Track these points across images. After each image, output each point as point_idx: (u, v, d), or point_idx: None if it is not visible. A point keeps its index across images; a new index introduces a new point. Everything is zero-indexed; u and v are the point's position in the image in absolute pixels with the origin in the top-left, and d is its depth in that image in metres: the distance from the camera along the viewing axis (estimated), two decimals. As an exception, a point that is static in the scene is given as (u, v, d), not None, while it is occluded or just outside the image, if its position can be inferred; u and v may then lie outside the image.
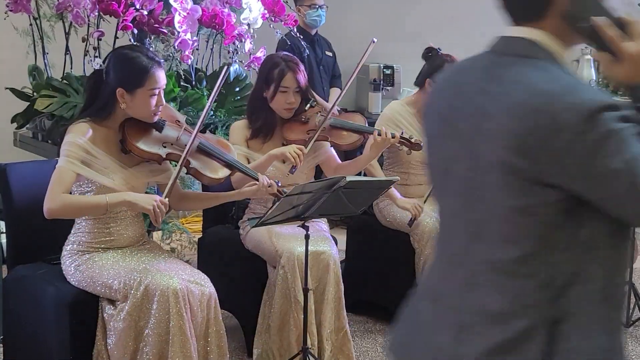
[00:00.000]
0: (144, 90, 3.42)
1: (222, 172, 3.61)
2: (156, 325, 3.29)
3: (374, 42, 4.11)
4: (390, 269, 4.70)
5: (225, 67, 3.64)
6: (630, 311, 4.81)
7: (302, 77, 4.12)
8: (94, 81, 3.55)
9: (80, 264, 3.49)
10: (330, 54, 6.37)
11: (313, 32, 6.10)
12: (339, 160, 4.34)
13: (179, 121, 3.65)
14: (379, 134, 4.12)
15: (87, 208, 3.43)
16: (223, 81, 3.49)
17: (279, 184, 3.65)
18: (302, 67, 4.15)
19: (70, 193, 3.45)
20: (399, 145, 4.23)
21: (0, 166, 3.80)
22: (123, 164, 3.52)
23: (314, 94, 4.30)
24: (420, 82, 4.76)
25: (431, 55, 4.76)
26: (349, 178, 3.42)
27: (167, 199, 3.37)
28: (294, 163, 3.89)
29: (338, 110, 4.35)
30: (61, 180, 3.34)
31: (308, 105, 4.20)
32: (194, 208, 4.30)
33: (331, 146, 4.28)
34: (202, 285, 3.44)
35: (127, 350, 3.33)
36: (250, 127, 4.17)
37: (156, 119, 3.52)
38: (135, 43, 4.44)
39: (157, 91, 3.46)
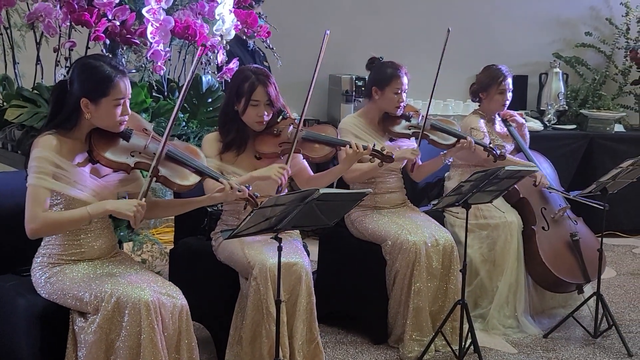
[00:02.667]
0: (109, 100, 3.41)
1: (192, 179, 3.59)
2: (127, 337, 3.27)
3: (327, 34, 4.10)
4: (362, 280, 4.70)
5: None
6: (599, 322, 4.82)
7: (273, 90, 4.12)
8: (58, 92, 3.52)
9: (51, 276, 3.47)
10: (267, 64, 6.36)
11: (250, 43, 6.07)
12: (311, 172, 4.35)
13: (146, 129, 3.62)
14: (350, 147, 4.15)
15: (70, 223, 3.41)
16: (188, 88, 3.48)
17: (250, 188, 3.65)
18: (272, 79, 4.15)
19: None
20: (370, 157, 4.25)
21: (-28, 178, 3.78)
22: (92, 175, 3.50)
23: (286, 105, 4.30)
24: (367, 93, 4.79)
25: (375, 65, 4.80)
26: (322, 190, 3.42)
27: (144, 199, 3.36)
28: (280, 183, 3.89)
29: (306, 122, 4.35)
30: (37, 199, 3.33)
31: (280, 117, 4.20)
32: (166, 215, 4.28)
33: (303, 158, 4.28)
34: (173, 297, 3.41)
35: (99, 363, 3.31)
36: (222, 140, 4.16)
37: (122, 128, 3.49)
38: (106, 53, 4.42)
39: (121, 101, 3.44)
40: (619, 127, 7.37)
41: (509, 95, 5.14)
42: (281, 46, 5.61)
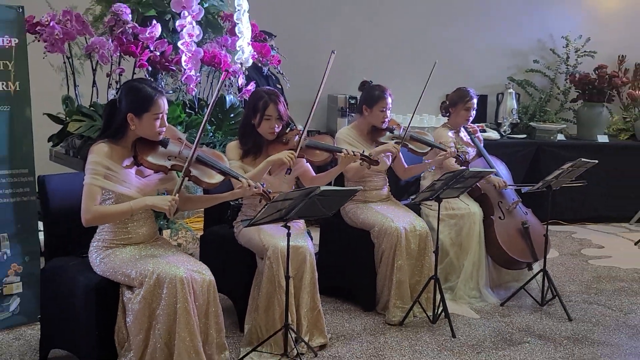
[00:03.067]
0: (150, 115, 3.42)
1: (217, 178, 3.59)
2: (166, 306, 3.28)
3: (333, 53, 4.12)
4: (354, 259, 4.70)
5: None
6: (545, 293, 4.83)
7: (282, 107, 4.13)
8: (109, 108, 3.53)
9: (104, 257, 3.48)
10: (279, 86, 6.34)
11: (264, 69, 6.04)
12: (313, 173, 4.35)
13: (180, 138, 3.62)
14: (346, 153, 4.18)
15: (117, 215, 3.43)
16: (214, 105, 3.47)
17: (264, 186, 3.64)
18: (282, 99, 4.17)
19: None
20: (360, 161, 4.27)
21: (40, 177, 3.80)
22: (137, 175, 3.51)
23: (293, 119, 4.31)
24: (359, 110, 4.81)
25: (365, 87, 4.83)
26: (322, 188, 3.45)
27: (177, 196, 3.37)
28: (290, 165, 3.93)
29: (310, 133, 4.36)
30: (90, 195, 3.36)
31: (288, 129, 4.22)
32: (196, 208, 4.28)
33: (307, 162, 4.27)
34: (203, 274, 3.42)
35: (142, 327, 3.32)
36: (242, 147, 4.16)
37: (161, 137, 3.50)
38: (148, 77, 4.42)
39: (160, 115, 3.45)
40: (560, 137, 7.36)
41: (473, 112, 5.15)
42: (289, 71, 5.60)
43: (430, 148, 4.79)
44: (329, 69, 4.09)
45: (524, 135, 7.39)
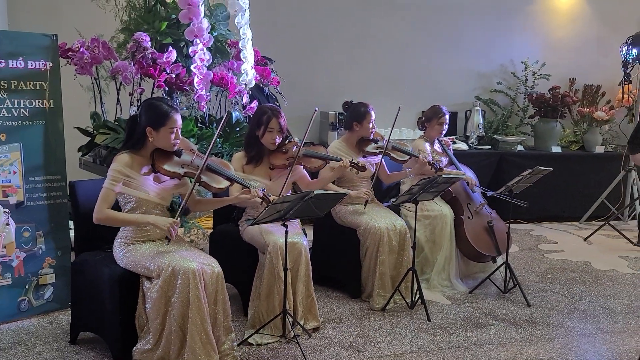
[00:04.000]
0: (166, 129, 3.42)
1: (224, 184, 3.59)
2: (180, 294, 3.27)
3: (316, 110, 4.15)
4: (343, 254, 4.69)
5: (229, 113, 3.64)
6: (507, 282, 4.83)
7: (283, 121, 4.13)
8: (130, 123, 3.53)
9: (126, 252, 3.47)
10: (277, 104, 6.33)
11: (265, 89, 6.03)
12: (309, 179, 4.34)
13: (192, 149, 3.63)
14: (342, 162, 4.23)
15: (122, 222, 3.45)
16: (225, 122, 3.48)
17: (264, 191, 3.67)
18: (282, 114, 4.16)
19: (117, 203, 3.47)
20: (350, 168, 4.27)
21: (71, 182, 3.81)
22: (154, 182, 3.50)
23: (290, 132, 4.31)
24: (348, 126, 4.80)
25: (349, 107, 4.83)
26: (316, 192, 3.45)
27: (178, 219, 3.39)
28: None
29: (306, 144, 4.35)
30: (105, 198, 3.37)
31: (287, 140, 4.21)
32: (207, 209, 4.27)
33: (304, 168, 4.26)
34: (212, 266, 3.41)
35: (159, 312, 3.31)
36: (246, 156, 4.15)
37: (175, 148, 3.50)
38: (165, 96, 4.42)
39: (175, 129, 3.45)
40: (520, 148, 7.37)
41: (446, 127, 5.15)
42: (287, 91, 5.60)
43: (409, 157, 4.79)
44: (312, 122, 4.11)
45: (489, 147, 7.39)
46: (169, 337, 3.31)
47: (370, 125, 4.71)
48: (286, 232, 3.68)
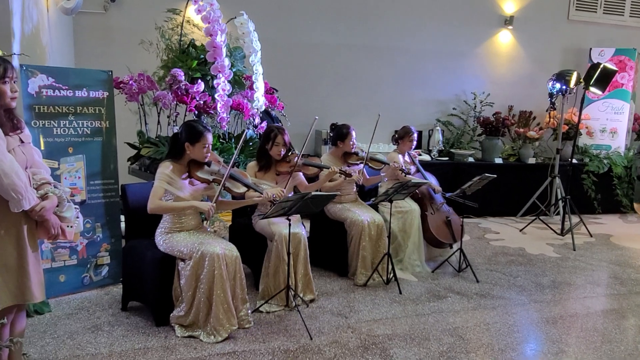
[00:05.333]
0: (200, 145, 3.43)
1: (242, 189, 3.59)
2: (207, 273, 3.28)
3: (316, 119, 4.14)
4: (334, 241, 4.68)
5: (245, 131, 3.66)
6: (461, 263, 4.85)
7: (287, 137, 4.13)
8: (173, 139, 3.54)
9: (166, 240, 3.47)
10: (280, 123, 6.34)
11: (273, 113, 6.04)
12: (307, 183, 4.33)
13: (219, 161, 3.63)
14: (331, 169, 4.24)
15: (172, 208, 3.43)
16: (242, 141, 3.49)
17: (274, 196, 3.66)
18: (286, 131, 4.15)
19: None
20: (339, 175, 4.28)
21: (122, 185, 3.82)
22: (189, 185, 3.50)
23: (292, 146, 4.32)
24: (334, 143, 4.77)
25: (334, 128, 4.83)
26: (312, 193, 3.45)
27: (214, 203, 3.38)
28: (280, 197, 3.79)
29: (304, 155, 4.36)
30: (156, 193, 3.37)
31: (290, 152, 4.22)
32: (227, 209, 4.27)
33: (303, 175, 4.28)
34: (232, 251, 3.42)
35: (191, 287, 3.32)
36: (258, 165, 4.16)
37: (206, 160, 3.50)
38: (196, 119, 4.42)
39: (207, 145, 3.45)
40: (471, 159, 7.39)
41: (415, 142, 5.17)
42: (289, 114, 5.62)
43: (383, 164, 4.80)
44: (313, 129, 4.11)
45: (447, 158, 7.41)
46: (198, 306, 3.33)
47: (352, 143, 4.69)
48: (289, 225, 3.69)
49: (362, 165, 4.73)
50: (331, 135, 6.72)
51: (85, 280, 4.14)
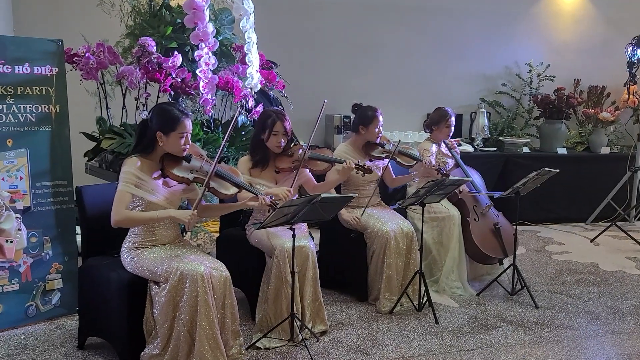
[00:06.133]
0: (176, 134, 3.41)
1: (232, 190, 3.57)
2: (188, 299, 3.26)
3: (325, 102, 4.11)
4: (350, 257, 4.68)
5: (236, 115, 3.65)
6: (514, 284, 4.82)
7: (288, 124, 4.11)
8: (141, 127, 3.52)
9: (134, 257, 3.45)
10: (281, 107, 6.34)
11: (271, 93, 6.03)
12: (315, 182, 4.32)
13: (201, 155, 3.62)
14: (346, 164, 4.20)
15: (143, 220, 3.42)
16: (233, 127, 3.48)
17: (272, 198, 3.62)
18: (287, 117, 4.14)
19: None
20: (356, 171, 4.26)
21: (77, 188, 3.80)
22: (164, 186, 3.49)
23: (296, 135, 4.29)
24: (355, 129, 4.77)
25: (357, 109, 4.81)
26: (323, 195, 3.45)
27: (195, 211, 3.36)
28: (284, 200, 3.81)
29: (312, 147, 4.33)
30: (122, 200, 3.34)
31: (292, 143, 4.20)
32: (215, 215, 4.27)
33: (310, 171, 4.25)
34: (220, 270, 3.40)
35: (168, 317, 3.30)
36: (252, 160, 4.14)
37: (185, 153, 3.48)
38: (171, 101, 4.41)
39: (185, 134, 3.44)
40: (525, 149, 7.35)
41: (452, 128, 5.14)
42: (292, 95, 5.60)
43: (415, 161, 4.77)
44: (322, 114, 4.08)
45: (494, 148, 7.38)
46: (177, 342, 3.30)
47: (377, 130, 4.69)
48: (293, 236, 3.67)
49: (387, 160, 4.70)
50: (347, 121, 6.71)
51: (30, 310, 4.12)
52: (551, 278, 5.34)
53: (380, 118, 4.70)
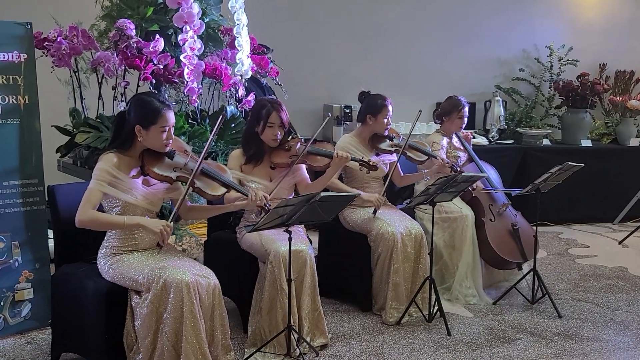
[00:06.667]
0: (157, 128, 3.41)
1: (220, 190, 3.57)
2: (173, 310, 3.25)
3: (329, 116, 4.12)
4: (352, 262, 4.68)
5: (224, 110, 3.64)
6: (535, 291, 4.82)
7: (285, 115, 4.11)
8: (118, 120, 3.52)
9: (112, 263, 3.45)
10: (275, 96, 6.35)
11: (263, 81, 6.02)
12: (309, 180, 4.31)
13: (186, 151, 3.61)
14: (336, 155, 4.18)
15: (109, 224, 3.42)
16: (222, 121, 3.47)
17: (264, 198, 3.63)
18: (284, 107, 4.14)
19: (102, 207, 3.45)
20: (360, 167, 4.27)
21: (49, 187, 3.79)
22: (143, 185, 3.49)
23: (293, 126, 4.30)
24: (362, 119, 4.77)
25: (365, 97, 4.80)
26: (323, 193, 3.44)
27: (172, 223, 3.36)
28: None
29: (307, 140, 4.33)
30: (90, 199, 3.34)
31: (290, 136, 4.19)
32: (200, 217, 4.27)
33: (307, 167, 4.25)
34: (208, 278, 3.40)
35: (150, 330, 3.30)
36: (245, 154, 4.14)
37: (167, 149, 3.48)
38: (152, 90, 4.41)
39: (167, 128, 3.44)
40: (546, 141, 7.37)
41: (465, 119, 5.14)
42: (287, 83, 5.59)
43: (427, 157, 4.77)
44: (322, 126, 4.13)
45: (511, 141, 7.38)
46: (161, 357, 3.29)
47: (386, 121, 4.69)
48: (290, 240, 3.66)
49: (396, 155, 4.69)
50: (347, 111, 6.71)
51: (-2, 322, 4.12)
52: (575, 284, 5.34)
53: (390, 108, 4.71)
